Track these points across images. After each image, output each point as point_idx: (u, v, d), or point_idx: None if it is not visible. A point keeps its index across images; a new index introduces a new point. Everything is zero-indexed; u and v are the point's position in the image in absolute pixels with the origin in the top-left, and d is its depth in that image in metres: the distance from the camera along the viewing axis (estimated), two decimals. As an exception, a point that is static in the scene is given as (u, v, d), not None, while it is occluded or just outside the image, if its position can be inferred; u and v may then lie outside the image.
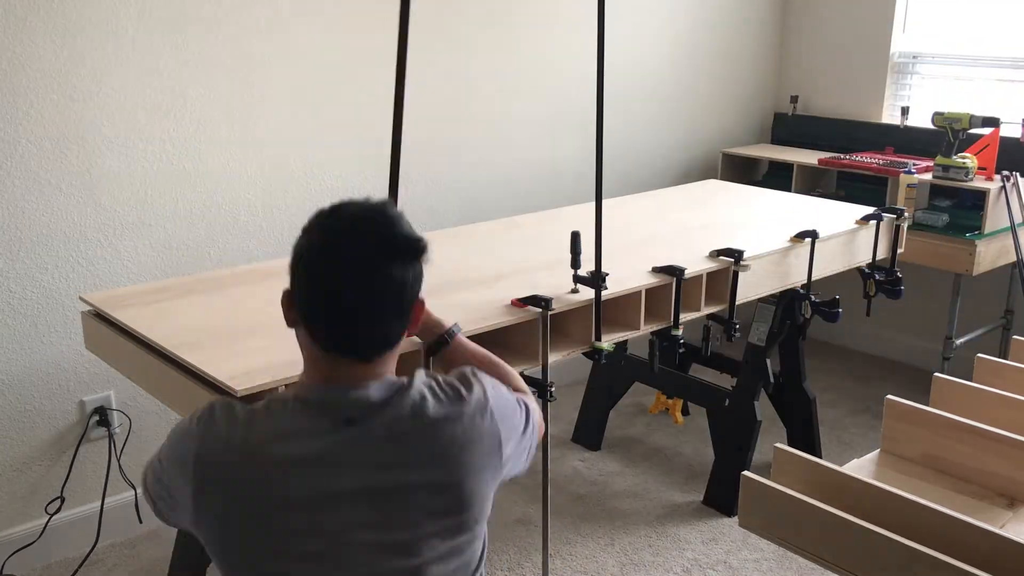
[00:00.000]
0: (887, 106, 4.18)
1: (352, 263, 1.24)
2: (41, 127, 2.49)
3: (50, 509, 2.70)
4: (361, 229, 1.27)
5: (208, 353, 1.81)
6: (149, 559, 2.78)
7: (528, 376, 2.17)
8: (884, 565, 1.70)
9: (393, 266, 1.26)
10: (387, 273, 1.25)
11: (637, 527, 2.97)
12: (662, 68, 3.99)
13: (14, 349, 2.59)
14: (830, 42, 4.30)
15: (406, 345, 1.44)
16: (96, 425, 2.75)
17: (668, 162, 4.14)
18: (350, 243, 1.25)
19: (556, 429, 3.56)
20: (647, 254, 2.47)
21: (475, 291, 2.20)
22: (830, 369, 4.24)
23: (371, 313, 1.26)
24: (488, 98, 3.43)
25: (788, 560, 2.78)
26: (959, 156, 3.50)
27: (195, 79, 2.72)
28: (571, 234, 2.17)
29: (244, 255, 2.91)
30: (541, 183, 3.67)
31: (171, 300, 2.13)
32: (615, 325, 2.28)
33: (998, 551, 1.68)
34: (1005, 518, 2.02)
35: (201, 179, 2.80)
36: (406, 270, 1.27)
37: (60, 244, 2.59)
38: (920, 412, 2.23)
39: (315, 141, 3.01)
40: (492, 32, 3.38)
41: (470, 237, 2.74)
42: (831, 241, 2.80)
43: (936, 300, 3.95)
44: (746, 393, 3.06)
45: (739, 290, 2.49)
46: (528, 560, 2.80)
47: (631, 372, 3.38)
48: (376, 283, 1.25)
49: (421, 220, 3.33)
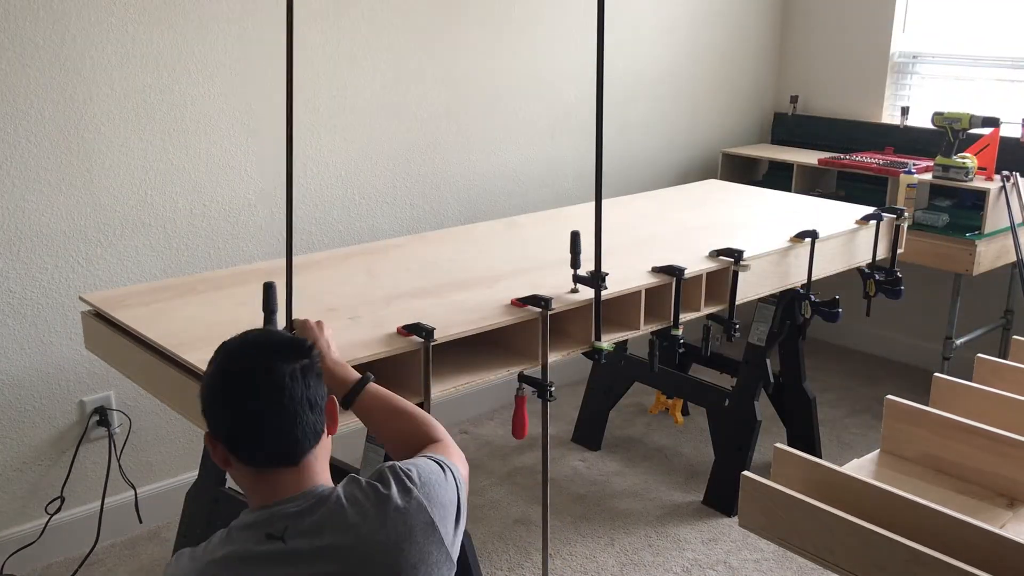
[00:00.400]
0: (887, 106, 4.18)
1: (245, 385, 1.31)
2: (41, 127, 2.50)
3: (50, 509, 2.70)
4: (245, 354, 1.34)
5: (208, 353, 1.80)
6: (149, 559, 2.78)
7: (528, 376, 2.17)
8: (884, 565, 1.70)
9: (283, 377, 1.30)
10: (278, 385, 1.30)
11: (637, 527, 2.97)
12: (662, 68, 3.99)
13: (14, 349, 2.59)
14: (830, 42, 4.30)
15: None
16: (96, 425, 2.75)
17: (668, 162, 4.14)
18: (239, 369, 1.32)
19: (556, 429, 3.56)
20: (647, 254, 2.47)
21: (475, 291, 2.20)
22: (830, 369, 4.24)
23: (277, 424, 1.30)
24: (488, 98, 3.43)
25: (788, 560, 2.78)
26: (959, 156, 3.50)
27: (194, 79, 2.72)
28: (571, 234, 2.17)
29: (244, 255, 2.91)
30: (541, 183, 3.67)
31: (171, 300, 2.13)
32: (615, 325, 2.28)
33: (998, 551, 1.68)
34: (1005, 518, 2.02)
35: (201, 179, 2.80)
36: (294, 377, 1.31)
37: (60, 244, 2.59)
38: (920, 412, 2.23)
39: (315, 141, 3.01)
40: (492, 32, 3.38)
41: (470, 237, 2.74)
42: (831, 241, 2.80)
43: (936, 300, 3.95)
44: (746, 393, 3.06)
45: (739, 290, 2.49)
46: (528, 560, 2.80)
47: (631, 372, 3.38)
48: (271, 395, 1.30)
49: (422, 220, 3.35)
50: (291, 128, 1.63)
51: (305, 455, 1.32)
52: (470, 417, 3.66)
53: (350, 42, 3.02)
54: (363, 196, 3.17)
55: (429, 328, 1.89)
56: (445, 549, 1.34)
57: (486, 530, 2.93)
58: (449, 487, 1.40)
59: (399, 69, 3.16)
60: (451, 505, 1.39)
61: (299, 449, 1.32)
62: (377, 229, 3.22)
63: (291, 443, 1.31)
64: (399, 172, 3.25)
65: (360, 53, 3.05)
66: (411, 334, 1.90)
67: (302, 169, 3.00)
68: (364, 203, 3.18)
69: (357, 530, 1.28)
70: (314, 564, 1.26)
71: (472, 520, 2.95)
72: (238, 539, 1.29)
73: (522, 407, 2.19)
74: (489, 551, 2.82)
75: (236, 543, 1.29)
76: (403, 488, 1.33)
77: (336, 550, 1.27)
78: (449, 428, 1.61)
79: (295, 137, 2.98)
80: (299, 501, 1.30)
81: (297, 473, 1.32)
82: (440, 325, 1.93)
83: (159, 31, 2.63)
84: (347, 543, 1.27)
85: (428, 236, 2.78)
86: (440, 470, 1.41)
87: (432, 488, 1.36)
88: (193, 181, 2.78)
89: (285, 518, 1.29)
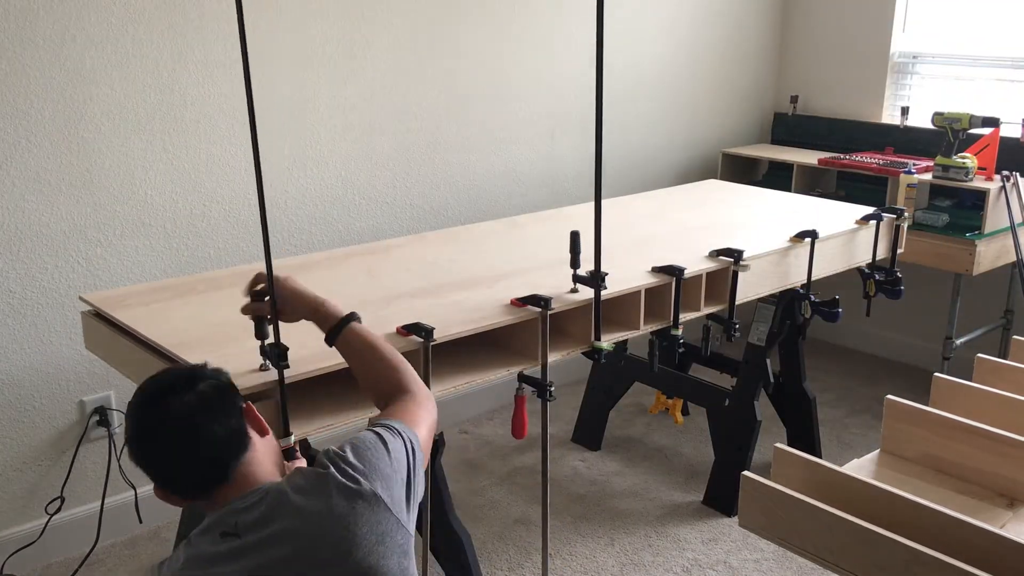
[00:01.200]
0: (887, 106, 4.18)
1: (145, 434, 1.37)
2: (41, 127, 2.50)
3: (50, 509, 2.70)
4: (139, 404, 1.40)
5: (207, 353, 1.80)
6: (149, 559, 2.77)
7: (528, 376, 2.17)
8: (884, 565, 1.70)
9: (177, 412, 1.34)
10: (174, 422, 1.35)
11: (637, 527, 2.97)
12: (662, 68, 3.99)
13: (14, 349, 2.59)
14: (830, 42, 4.30)
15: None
16: (96, 425, 2.76)
17: (668, 162, 4.14)
18: (135, 420, 1.39)
19: (556, 429, 3.56)
20: (647, 254, 2.47)
21: (475, 291, 2.20)
22: (830, 369, 4.24)
23: (191, 455, 1.35)
24: (488, 98, 3.43)
25: (788, 560, 2.78)
26: (959, 156, 3.50)
27: (195, 79, 2.72)
28: (571, 234, 2.17)
29: (244, 255, 2.91)
30: (541, 183, 3.67)
31: (171, 300, 2.13)
32: (615, 325, 2.28)
33: (998, 551, 1.68)
34: (1005, 518, 2.02)
35: (201, 179, 2.80)
36: (190, 406, 1.35)
37: (60, 244, 2.59)
38: (920, 412, 2.23)
39: (315, 140, 3.01)
40: (492, 32, 3.38)
41: (470, 237, 2.74)
42: (831, 241, 2.79)
43: (936, 300, 3.95)
44: (746, 393, 3.06)
45: (739, 290, 2.49)
46: (528, 560, 2.80)
47: (631, 372, 3.38)
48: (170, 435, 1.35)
49: (422, 220, 3.35)
50: (255, 130, 1.63)
51: (235, 469, 1.37)
52: (470, 417, 3.66)
53: (350, 42, 3.02)
54: (363, 196, 3.17)
55: (429, 328, 1.89)
56: (394, 516, 1.36)
57: (486, 530, 2.93)
58: (393, 454, 1.41)
59: (399, 69, 3.16)
60: (395, 473, 1.40)
61: (225, 467, 1.36)
62: (377, 229, 3.22)
63: (213, 466, 1.36)
64: (399, 172, 3.25)
65: (360, 53, 3.05)
66: (411, 334, 1.90)
67: (302, 169, 3.00)
68: (364, 203, 3.18)
69: (302, 512, 1.31)
70: (266, 551, 1.29)
71: (472, 520, 2.95)
72: (198, 544, 1.34)
73: (522, 407, 2.20)
74: (489, 551, 2.82)
75: (196, 547, 1.34)
76: (340, 467, 1.36)
77: (286, 533, 1.30)
78: (449, 428, 1.61)
79: (295, 137, 2.99)
80: (247, 499, 1.35)
81: (235, 485, 1.36)
82: (440, 325, 1.93)
83: (159, 31, 2.63)
84: (295, 526, 1.31)
85: (428, 236, 2.78)
86: (377, 439, 1.42)
87: (369, 460, 1.38)
88: (193, 181, 2.78)
89: (235, 514, 1.33)
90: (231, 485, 1.36)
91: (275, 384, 1.71)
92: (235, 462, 1.37)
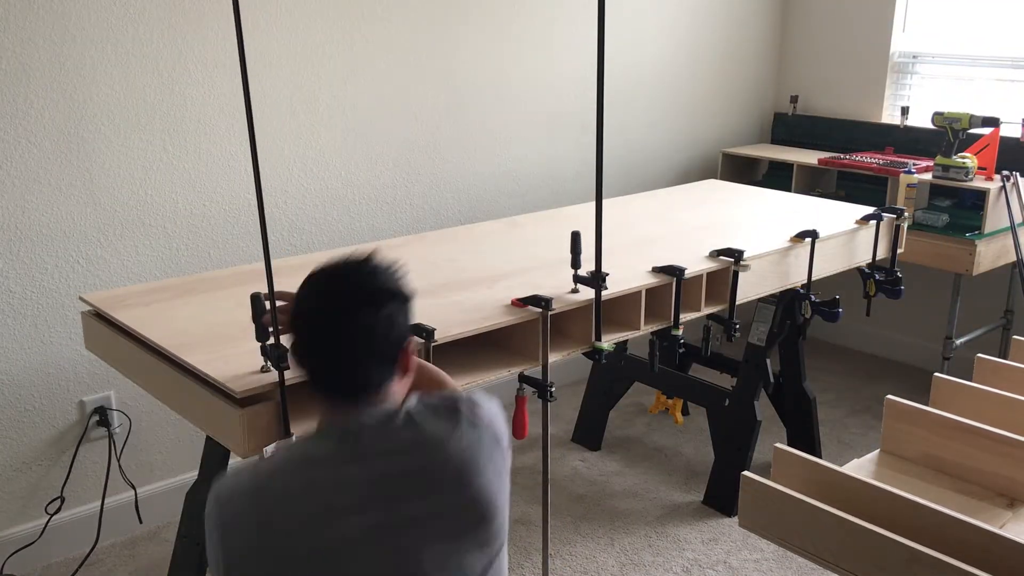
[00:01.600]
0: (887, 106, 4.18)
1: (321, 312, 1.34)
2: (41, 127, 2.50)
3: (50, 509, 2.70)
4: (333, 280, 1.38)
5: (208, 353, 1.81)
6: (149, 559, 2.78)
7: (528, 376, 2.17)
8: (884, 565, 1.70)
9: (360, 313, 1.33)
10: (352, 319, 1.33)
11: (637, 527, 2.97)
12: (662, 68, 3.99)
13: (14, 349, 2.59)
14: (830, 42, 4.30)
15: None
16: (96, 425, 2.75)
17: (668, 162, 4.14)
18: (321, 294, 1.37)
19: (556, 429, 3.56)
20: (647, 254, 2.47)
21: (475, 291, 2.20)
22: (830, 369, 4.24)
23: (344, 357, 1.34)
24: (488, 98, 3.43)
25: (788, 560, 2.78)
26: (959, 156, 3.50)
27: (195, 79, 2.72)
28: (571, 234, 2.17)
29: (244, 255, 2.91)
30: (541, 183, 3.67)
31: (171, 300, 2.13)
32: (615, 325, 2.28)
33: (998, 551, 1.68)
34: (1005, 518, 2.02)
35: (201, 179, 2.80)
36: (375, 317, 1.34)
37: (60, 244, 2.59)
38: (920, 412, 2.23)
39: (315, 140, 3.01)
40: (492, 32, 3.38)
41: (470, 237, 2.74)
42: (831, 241, 2.80)
43: (936, 300, 3.95)
44: (746, 393, 3.06)
45: (739, 290, 2.49)
46: (528, 560, 2.80)
47: (631, 372, 3.38)
48: (344, 329, 1.33)
49: (422, 220, 3.35)
50: (253, 129, 1.62)
51: (387, 384, 1.37)
52: (470, 417, 3.65)
53: (350, 41, 3.02)
54: (363, 196, 3.17)
55: (429, 328, 1.89)
56: (506, 465, 1.42)
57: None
58: (502, 419, 1.48)
59: (399, 69, 3.16)
60: (504, 437, 1.46)
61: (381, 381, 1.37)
62: (377, 229, 3.22)
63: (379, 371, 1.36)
64: (399, 172, 3.25)
65: (360, 53, 3.05)
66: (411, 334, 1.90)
67: (302, 169, 3.00)
68: (364, 203, 3.18)
69: (435, 432, 1.35)
70: (394, 461, 1.32)
71: (472, 520, 2.95)
72: (304, 447, 1.36)
73: (522, 407, 2.20)
74: (489, 551, 2.82)
75: (302, 448, 1.36)
76: (470, 405, 1.42)
77: (416, 446, 1.33)
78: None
79: (295, 137, 2.99)
80: (375, 415, 1.36)
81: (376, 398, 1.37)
82: (440, 325, 1.93)
83: (159, 31, 2.63)
84: (421, 440, 1.34)
85: (428, 236, 2.78)
86: (498, 405, 1.49)
87: (493, 413, 1.46)
88: (193, 181, 2.78)
89: (361, 427, 1.34)
90: (375, 395, 1.37)
91: (275, 385, 1.71)
92: (373, 386, 1.37)
